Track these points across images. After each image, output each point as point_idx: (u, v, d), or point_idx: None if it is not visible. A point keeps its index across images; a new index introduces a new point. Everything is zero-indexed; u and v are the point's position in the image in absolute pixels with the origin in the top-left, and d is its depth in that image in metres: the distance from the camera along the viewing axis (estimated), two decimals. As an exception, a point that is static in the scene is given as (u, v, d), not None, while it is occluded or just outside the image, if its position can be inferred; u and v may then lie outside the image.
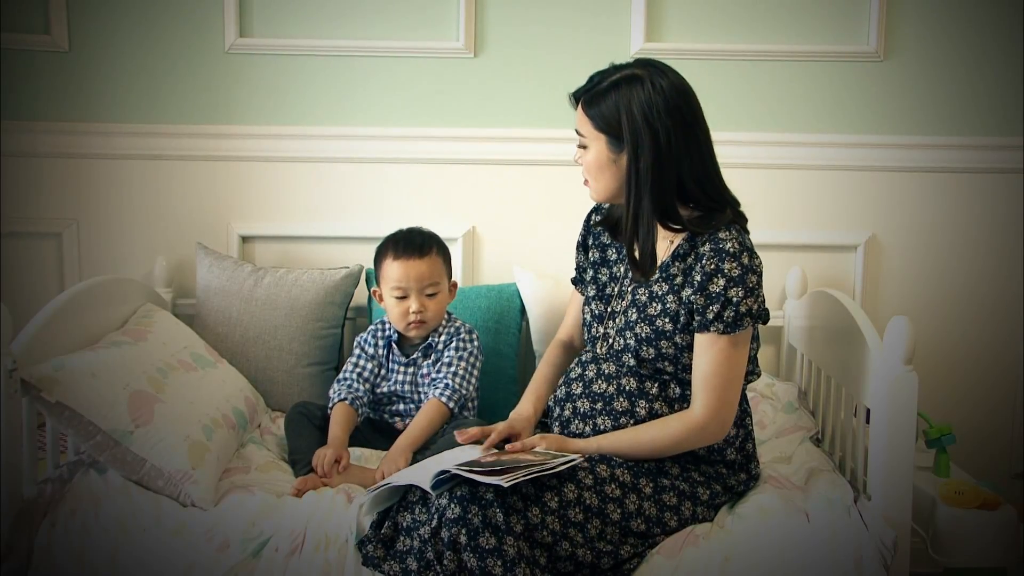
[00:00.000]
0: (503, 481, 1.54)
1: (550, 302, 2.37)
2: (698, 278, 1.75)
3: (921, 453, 2.18)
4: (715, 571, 1.67)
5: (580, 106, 1.82)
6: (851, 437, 2.04)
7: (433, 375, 2.19)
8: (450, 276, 2.23)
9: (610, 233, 1.96)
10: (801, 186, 2.58)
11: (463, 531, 1.57)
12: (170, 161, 2.55)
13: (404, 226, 2.25)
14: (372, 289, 2.31)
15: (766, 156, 2.56)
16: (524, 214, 2.59)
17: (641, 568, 1.69)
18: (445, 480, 1.63)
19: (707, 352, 1.76)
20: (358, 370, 2.22)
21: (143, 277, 2.53)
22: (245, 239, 2.59)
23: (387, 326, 2.26)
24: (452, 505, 1.59)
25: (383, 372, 2.24)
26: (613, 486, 1.71)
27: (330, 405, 2.16)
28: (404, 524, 1.67)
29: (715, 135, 1.83)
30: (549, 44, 2.53)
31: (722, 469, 1.85)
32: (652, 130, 1.73)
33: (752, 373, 1.89)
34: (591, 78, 1.82)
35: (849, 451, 2.04)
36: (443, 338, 2.21)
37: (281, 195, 2.58)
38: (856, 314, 2.00)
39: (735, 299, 1.73)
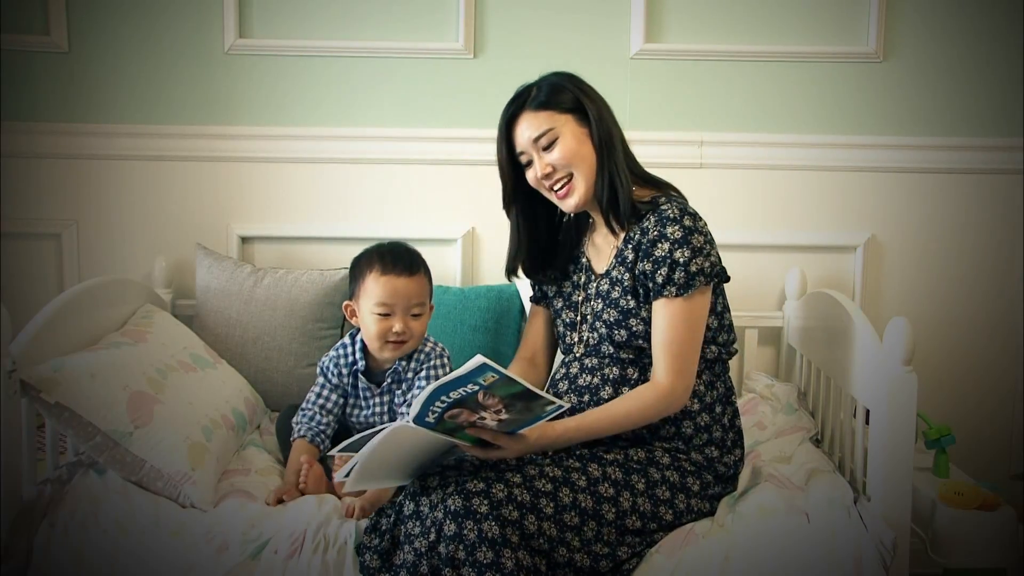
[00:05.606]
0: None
1: (550, 303, 2.37)
2: (644, 246, 1.81)
3: (920, 454, 2.18)
4: (715, 570, 1.67)
5: (535, 107, 1.86)
6: (851, 438, 2.04)
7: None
8: (431, 297, 2.08)
9: (575, 229, 2.01)
10: (801, 186, 2.58)
11: (460, 547, 1.57)
12: (170, 161, 2.55)
13: (386, 239, 2.09)
14: (344, 304, 2.08)
15: (766, 156, 2.56)
16: (524, 215, 2.58)
17: (641, 567, 1.70)
18: (429, 425, 1.59)
19: (663, 317, 1.79)
20: (321, 401, 2.07)
21: (143, 278, 2.53)
22: (244, 240, 2.59)
23: (351, 352, 2.08)
24: (448, 521, 1.59)
25: (351, 400, 2.10)
26: (606, 485, 1.72)
27: (292, 437, 2.03)
28: (400, 537, 1.67)
29: (715, 135, 1.84)
30: (548, 45, 2.53)
31: (713, 451, 1.86)
32: (599, 99, 1.89)
33: (730, 344, 1.91)
34: (521, 91, 1.89)
35: (848, 452, 2.04)
36: (413, 365, 2.05)
37: (280, 196, 2.58)
38: (855, 315, 2.00)
39: (682, 260, 1.77)
